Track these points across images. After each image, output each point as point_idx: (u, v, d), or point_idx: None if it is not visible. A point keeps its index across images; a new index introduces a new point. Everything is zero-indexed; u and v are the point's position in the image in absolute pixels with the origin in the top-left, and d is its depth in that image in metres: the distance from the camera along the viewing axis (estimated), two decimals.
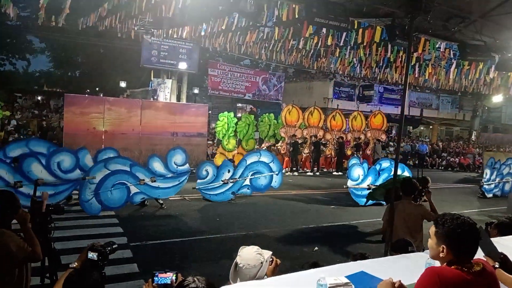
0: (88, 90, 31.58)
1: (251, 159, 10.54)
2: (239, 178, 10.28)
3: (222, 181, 10.07)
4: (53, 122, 19.85)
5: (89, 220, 7.75)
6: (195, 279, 1.78)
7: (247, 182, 10.45)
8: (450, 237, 1.92)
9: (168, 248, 6.52)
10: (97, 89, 32.22)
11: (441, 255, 1.96)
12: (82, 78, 34.24)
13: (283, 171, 15.02)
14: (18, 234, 2.75)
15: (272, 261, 2.36)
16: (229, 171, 10.18)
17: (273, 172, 10.72)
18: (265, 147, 16.51)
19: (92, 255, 2.36)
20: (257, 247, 2.35)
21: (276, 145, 17.56)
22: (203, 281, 1.78)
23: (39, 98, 33.85)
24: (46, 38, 29.73)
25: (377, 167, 10.83)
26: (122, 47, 23.18)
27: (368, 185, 10.39)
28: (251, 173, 10.49)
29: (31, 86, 42.20)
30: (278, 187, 11.06)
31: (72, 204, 8.58)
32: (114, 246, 2.51)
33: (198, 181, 9.98)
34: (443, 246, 1.94)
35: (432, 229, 2.03)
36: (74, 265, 2.40)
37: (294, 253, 6.52)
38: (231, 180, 10.16)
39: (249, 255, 2.29)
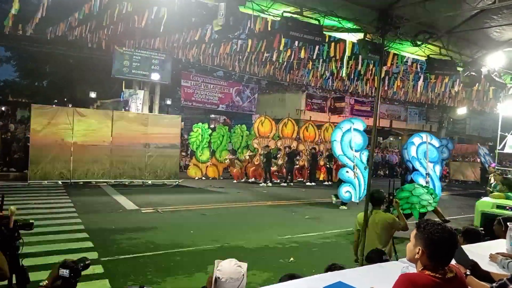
0: (56, 101, 30.74)
1: None
2: None
3: None
4: (18, 133, 19.09)
5: (59, 234, 7.47)
6: None
7: None
8: (428, 240, 1.97)
9: (141, 262, 6.36)
10: (65, 99, 31.41)
11: (416, 256, 2.01)
12: (50, 88, 33.23)
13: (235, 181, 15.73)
14: None
15: None
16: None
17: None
18: (228, 159, 16.83)
19: (64, 271, 2.27)
20: (235, 259, 2.33)
21: (244, 154, 17.66)
22: None
23: (3, 108, 32.64)
24: (12, 47, 28.76)
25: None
26: (93, 57, 22.74)
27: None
28: None
29: None
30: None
31: (41, 218, 8.26)
32: (87, 262, 2.42)
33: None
34: (420, 248, 1.99)
35: (413, 232, 2.08)
36: (44, 283, 2.30)
37: (270, 264, 6.50)
38: None
39: (230, 268, 2.26)
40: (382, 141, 33.82)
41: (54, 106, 17.55)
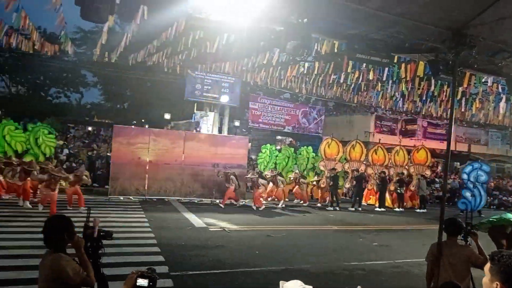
0: (135, 122, 33.08)
1: None
2: None
3: None
4: (101, 151, 20.81)
5: (133, 247, 7.95)
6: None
7: None
8: (505, 273, 1.84)
9: (208, 279, 6.54)
10: (143, 120, 33.69)
11: None
12: (130, 110, 35.99)
13: (281, 203, 15.28)
14: (73, 259, 2.90)
15: None
16: None
17: None
18: (292, 177, 16.51)
19: (142, 282, 2.44)
20: (300, 281, 2.33)
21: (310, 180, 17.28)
22: None
23: (89, 128, 35.79)
24: (98, 73, 31.69)
25: None
26: (168, 81, 24.30)
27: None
28: None
29: (82, 117, 44.83)
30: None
31: (118, 231, 8.85)
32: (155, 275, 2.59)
33: None
34: (497, 282, 1.86)
35: (487, 266, 1.96)
36: None
37: None
38: None
39: None
40: (460, 166, 31.52)
41: (132, 126, 18.90)
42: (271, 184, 15.41)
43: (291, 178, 16.76)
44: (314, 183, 16.95)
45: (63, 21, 10.56)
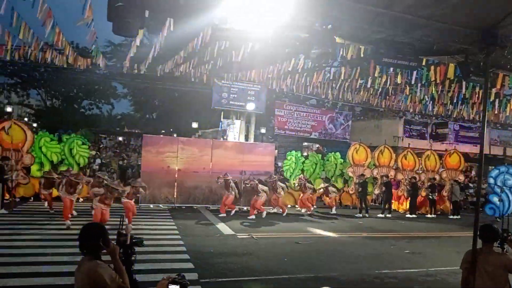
0: (164, 131, 33.79)
1: None
2: None
3: None
4: (132, 161, 21.34)
5: (163, 254, 8.09)
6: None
7: None
8: None
9: (237, 286, 6.57)
10: (171, 129, 34.37)
11: None
12: (159, 119, 36.80)
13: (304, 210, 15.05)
14: (108, 266, 2.98)
15: None
16: None
17: None
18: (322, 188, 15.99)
19: (174, 287, 2.51)
20: None
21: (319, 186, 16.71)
22: None
23: (120, 138, 36.78)
24: (128, 84, 32.62)
25: None
26: (195, 90, 24.70)
27: None
28: None
29: (113, 127, 46.24)
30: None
31: (149, 238, 9.02)
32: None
33: None
34: None
35: None
36: None
37: None
38: None
39: None
40: None
41: (161, 136, 19.28)
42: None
43: (296, 185, 15.93)
44: (322, 190, 16.29)
45: (95, 35, 10.98)
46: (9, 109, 28.38)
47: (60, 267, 6.77)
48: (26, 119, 34.91)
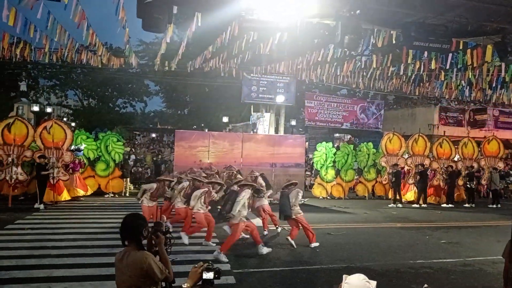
0: (195, 126, 34.30)
1: None
2: None
3: None
4: (166, 156, 21.84)
5: (194, 246, 8.25)
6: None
7: None
8: None
9: (268, 276, 6.62)
10: (202, 124, 34.83)
11: None
12: (190, 115, 37.37)
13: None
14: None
15: None
16: None
17: None
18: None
19: (208, 275, 2.57)
20: (363, 275, 2.30)
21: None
22: None
23: (153, 135, 37.69)
24: (159, 82, 33.29)
25: None
26: (225, 85, 24.89)
27: None
28: None
29: (147, 124, 47.43)
30: None
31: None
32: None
33: None
34: None
35: None
36: (186, 285, 2.61)
37: None
38: None
39: (358, 282, 2.23)
40: None
41: (193, 131, 19.60)
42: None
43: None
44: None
45: (128, 35, 11.27)
46: (49, 109, 29.63)
47: (100, 259, 7.06)
48: (65, 119, 36.40)
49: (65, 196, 13.40)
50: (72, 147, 14.53)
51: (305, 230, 8.59)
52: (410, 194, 16.34)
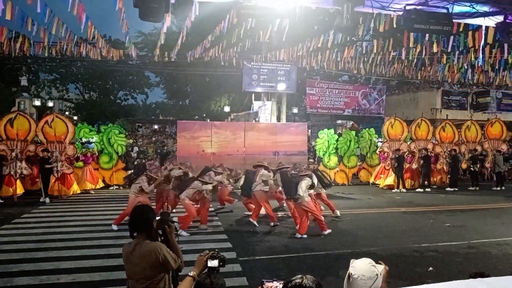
0: (197, 117, 34.27)
1: None
2: None
3: None
4: (169, 147, 21.89)
5: (200, 235, 8.32)
6: (304, 276, 1.85)
7: None
8: None
9: (274, 263, 6.68)
10: (204, 115, 34.78)
11: None
12: (191, 105, 37.32)
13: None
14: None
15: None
16: None
17: None
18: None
19: (213, 262, 2.60)
20: (370, 259, 2.32)
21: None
22: (312, 279, 1.84)
23: (156, 126, 37.70)
24: (160, 73, 33.16)
25: None
26: (225, 74, 24.78)
27: None
28: None
29: (149, 116, 47.41)
30: None
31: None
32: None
33: None
34: None
35: None
36: (192, 273, 2.65)
37: (406, 273, 6.15)
38: None
39: (364, 266, 2.25)
40: None
41: (195, 121, 19.58)
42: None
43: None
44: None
45: (127, 26, 11.17)
46: (50, 104, 29.66)
47: (108, 250, 7.14)
48: (67, 113, 36.42)
49: (76, 189, 13.51)
50: (83, 139, 14.58)
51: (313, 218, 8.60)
52: (390, 179, 16.05)
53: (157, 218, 3.16)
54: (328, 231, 8.51)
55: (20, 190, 12.76)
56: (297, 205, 8.52)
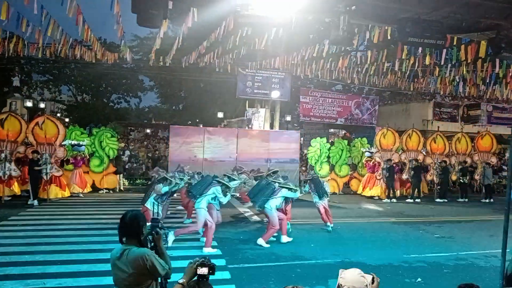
0: (190, 122, 34.18)
1: None
2: None
3: None
4: (161, 151, 21.78)
5: (190, 242, 8.26)
6: (295, 287, 1.85)
7: None
8: None
9: (264, 271, 6.65)
10: (197, 120, 34.71)
11: None
12: (185, 111, 37.23)
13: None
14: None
15: (373, 280, 2.32)
16: None
17: None
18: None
19: (203, 270, 2.59)
20: (359, 270, 2.33)
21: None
22: None
23: (148, 130, 37.52)
24: (154, 77, 33.10)
25: None
26: (220, 80, 24.81)
27: None
28: None
29: (141, 120, 47.17)
30: None
31: (177, 226, 9.24)
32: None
33: None
34: None
35: None
36: (182, 281, 2.63)
37: (395, 284, 6.17)
38: None
39: (353, 277, 2.26)
40: None
41: (188, 126, 19.54)
42: None
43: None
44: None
45: (122, 30, 11.15)
46: (42, 105, 29.36)
47: (96, 255, 7.05)
48: (58, 114, 36.09)
49: (66, 192, 13.40)
50: (73, 142, 14.45)
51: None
52: (376, 189, 16.11)
53: (148, 224, 3.13)
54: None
55: (17, 190, 12.79)
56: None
